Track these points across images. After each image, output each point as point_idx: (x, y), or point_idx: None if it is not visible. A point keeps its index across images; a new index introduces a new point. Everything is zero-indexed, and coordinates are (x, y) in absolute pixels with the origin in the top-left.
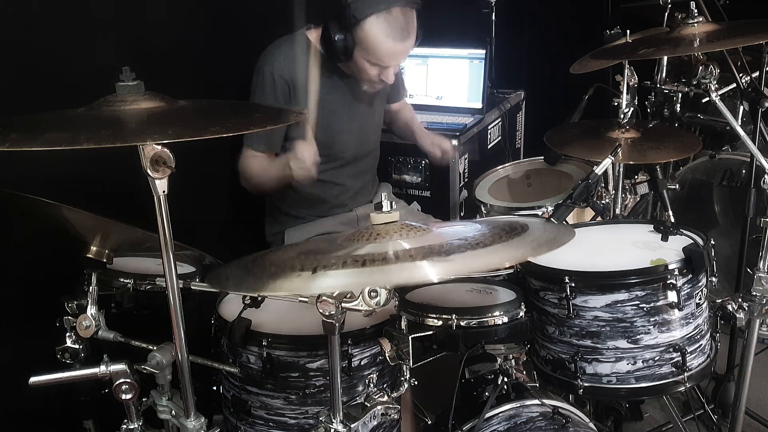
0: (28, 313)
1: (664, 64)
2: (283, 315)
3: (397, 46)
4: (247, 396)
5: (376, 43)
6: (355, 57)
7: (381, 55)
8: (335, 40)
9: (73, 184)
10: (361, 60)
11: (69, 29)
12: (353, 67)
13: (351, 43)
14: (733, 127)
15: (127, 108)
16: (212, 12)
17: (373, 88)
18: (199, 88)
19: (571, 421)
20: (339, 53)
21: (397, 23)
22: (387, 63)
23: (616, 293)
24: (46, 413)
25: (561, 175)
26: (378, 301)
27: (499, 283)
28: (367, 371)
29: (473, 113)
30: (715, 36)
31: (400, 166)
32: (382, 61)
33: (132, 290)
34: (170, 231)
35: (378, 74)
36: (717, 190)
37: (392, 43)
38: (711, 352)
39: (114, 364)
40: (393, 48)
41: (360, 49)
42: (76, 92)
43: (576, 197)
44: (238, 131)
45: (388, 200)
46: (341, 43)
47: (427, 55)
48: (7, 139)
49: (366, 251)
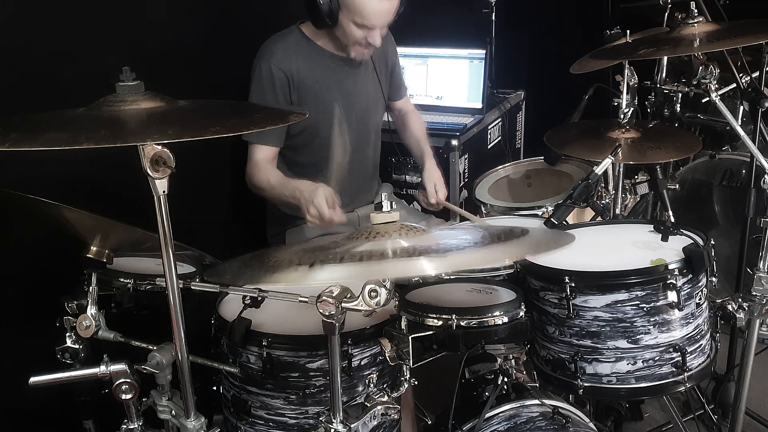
0: (28, 313)
1: (664, 64)
2: (283, 315)
3: (383, 4)
4: (247, 396)
5: (361, 2)
6: (340, 20)
7: (367, 14)
8: (320, 3)
9: (73, 184)
10: (347, 22)
11: (69, 29)
12: (339, 32)
13: (336, 5)
14: (733, 127)
15: (127, 108)
16: (212, 12)
17: (361, 55)
18: (199, 88)
19: (571, 421)
20: (325, 17)
21: None
22: (373, 22)
23: (616, 293)
24: (46, 413)
25: (561, 175)
26: (378, 301)
27: (499, 283)
28: (367, 371)
29: (473, 113)
30: (715, 36)
31: (400, 166)
32: (368, 20)
33: (132, 290)
34: (170, 231)
35: (365, 36)
36: (717, 190)
37: (378, 2)
38: (711, 352)
39: (114, 364)
40: (379, 6)
41: (345, 11)
42: (76, 92)
43: (576, 197)
44: (238, 131)
45: (388, 200)
46: (326, 6)
47: (427, 55)
48: (7, 139)
49: (364, 249)
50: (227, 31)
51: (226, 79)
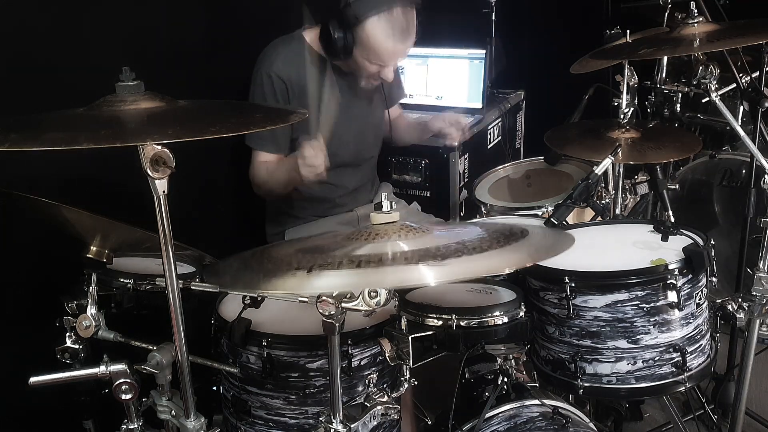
0: (28, 313)
1: (664, 64)
2: (283, 315)
3: (398, 46)
4: (247, 396)
5: (377, 43)
6: (354, 55)
7: (381, 55)
8: (335, 38)
9: (73, 184)
10: (361, 59)
11: (69, 29)
12: (352, 64)
13: (351, 42)
14: (733, 127)
15: (127, 108)
16: (212, 12)
17: (371, 85)
18: (199, 88)
19: (571, 421)
20: (339, 52)
21: (398, 23)
22: (387, 62)
23: (616, 293)
24: (46, 413)
25: (561, 175)
26: (378, 301)
27: (499, 283)
28: (367, 371)
29: (473, 113)
30: (715, 36)
31: (400, 166)
32: (382, 61)
33: (132, 290)
34: (170, 231)
35: (377, 72)
36: (717, 190)
37: (393, 44)
38: (711, 352)
39: (114, 364)
40: (394, 48)
41: (360, 49)
42: (76, 92)
43: (576, 197)
44: (238, 131)
45: (388, 200)
46: (341, 41)
47: (427, 55)
48: (7, 139)
49: (364, 251)
50: (227, 32)
51: (226, 79)
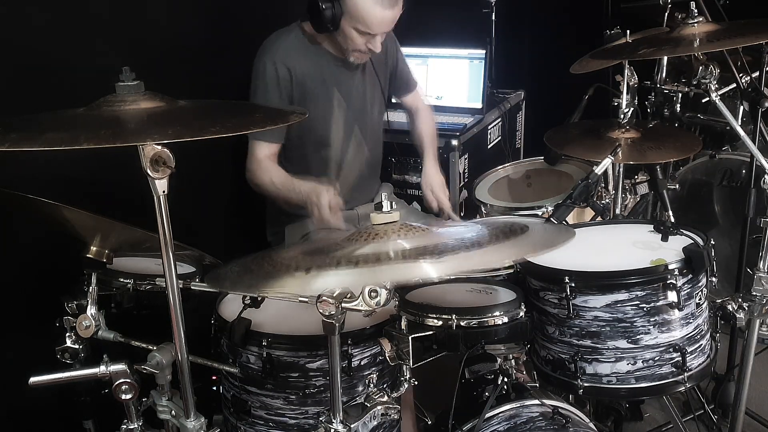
0: (28, 313)
1: (664, 64)
2: (283, 315)
3: (386, 13)
4: (247, 396)
5: (364, 10)
6: (342, 26)
7: (369, 23)
8: (323, 8)
9: (73, 184)
10: (349, 29)
11: (69, 29)
12: (340, 37)
13: (339, 11)
14: (733, 127)
15: (127, 108)
16: (212, 12)
17: (360, 59)
18: (199, 88)
19: (571, 421)
20: (326, 22)
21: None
22: (375, 30)
23: (616, 293)
24: (46, 413)
25: (561, 175)
26: (378, 301)
27: (499, 283)
28: (367, 371)
29: (473, 113)
30: (715, 36)
31: (400, 166)
32: (370, 29)
33: (132, 290)
34: (170, 231)
35: (365, 43)
36: (717, 190)
37: (380, 10)
38: (711, 352)
39: (114, 364)
40: (381, 15)
41: (348, 18)
42: (76, 92)
43: (576, 197)
44: (238, 131)
45: (388, 200)
46: (329, 11)
47: (427, 55)
48: (7, 139)
49: (365, 251)
50: (227, 31)
51: (226, 79)
